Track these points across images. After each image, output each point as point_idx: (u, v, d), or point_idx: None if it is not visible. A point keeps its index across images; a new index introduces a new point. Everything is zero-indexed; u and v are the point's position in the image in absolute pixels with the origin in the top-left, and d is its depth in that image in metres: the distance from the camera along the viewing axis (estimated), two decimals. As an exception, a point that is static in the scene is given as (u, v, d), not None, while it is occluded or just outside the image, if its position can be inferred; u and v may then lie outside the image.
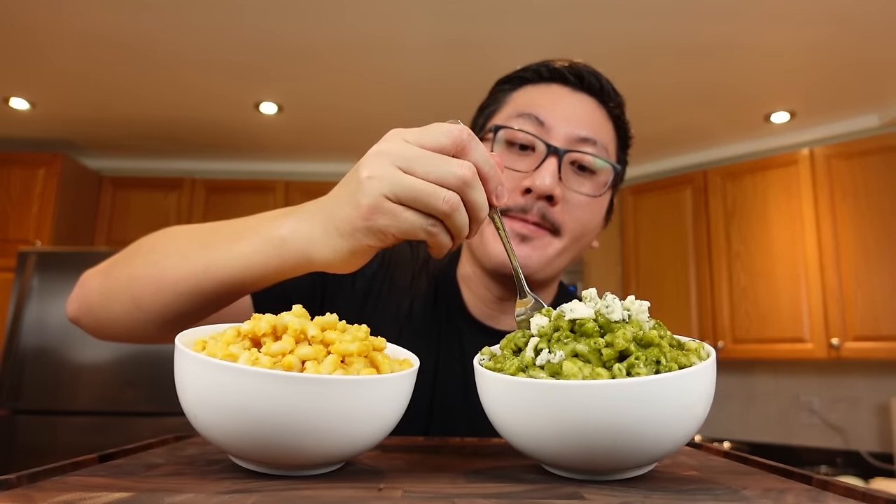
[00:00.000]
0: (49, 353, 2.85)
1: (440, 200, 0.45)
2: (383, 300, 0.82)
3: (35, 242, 3.30)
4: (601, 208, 0.80)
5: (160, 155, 3.78)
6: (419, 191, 0.45)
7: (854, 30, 2.26)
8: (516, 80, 0.83)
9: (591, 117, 0.78)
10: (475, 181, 0.46)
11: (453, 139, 0.46)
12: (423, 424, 0.77)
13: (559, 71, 0.80)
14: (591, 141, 0.76)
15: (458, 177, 0.45)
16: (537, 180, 0.72)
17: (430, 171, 0.45)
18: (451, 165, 0.45)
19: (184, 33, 2.39)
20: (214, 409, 0.39)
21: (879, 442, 2.94)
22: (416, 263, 0.87)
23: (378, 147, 0.47)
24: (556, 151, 0.74)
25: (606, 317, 0.43)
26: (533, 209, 0.73)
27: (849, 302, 2.76)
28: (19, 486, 0.36)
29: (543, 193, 0.72)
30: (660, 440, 0.39)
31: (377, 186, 0.45)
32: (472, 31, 2.33)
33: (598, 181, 0.78)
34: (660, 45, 2.40)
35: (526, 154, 0.76)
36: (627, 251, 3.60)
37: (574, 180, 0.76)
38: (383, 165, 0.46)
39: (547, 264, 0.76)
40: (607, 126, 0.80)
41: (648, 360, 0.40)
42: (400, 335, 0.80)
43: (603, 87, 0.80)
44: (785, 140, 3.21)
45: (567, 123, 0.76)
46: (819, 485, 0.42)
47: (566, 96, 0.79)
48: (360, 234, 0.47)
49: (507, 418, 0.42)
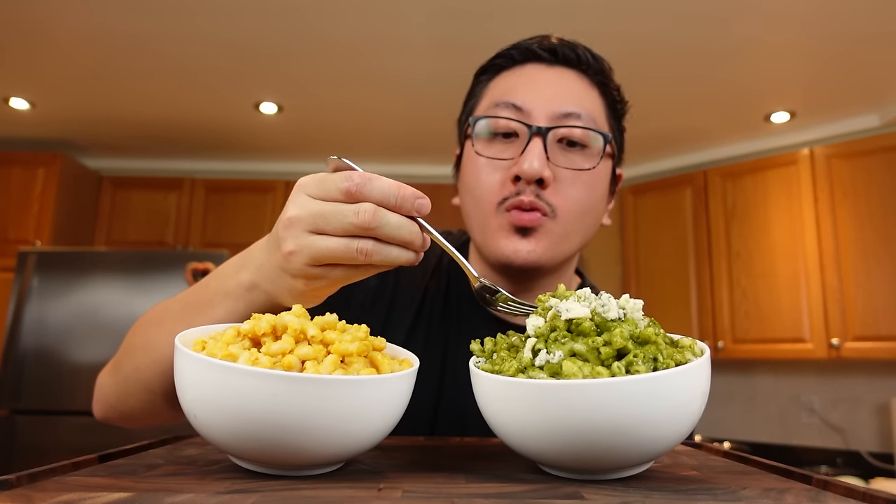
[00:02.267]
0: (49, 353, 2.85)
1: (354, 252, 0.47)
2: (399, 288, 0.82)
3: (35, 242, 3.30)
4: (599, 181, 0.76)
5: (160, 155, 3.78)
6: (333, 251, 0.47)
7: (854, 30, 2.26)
8: (492, 69, 0.81)
9: (571, 90, 0.75)
10: (377, 220, 0.46)
11: (344, 190, 0.47)
12: (431, 417, 0.77)
13: (530, 50, 0.77)
14: (574, 114, 0.73)
15: (357, 226, 0.47)
16: (524, 165, 0.70)
17: (336, 227, 0.47)
18: (349, 217, 0.47)
19: (184, 33, 2.40)
20: (214, 409, 0.39)
21: (880, 442, 2.94)
22: (431, 257, 0.86)
23: (289, 213, 0.49)
24: (539, 131, 0.71)
25: (602, 316, 0.43)
26: (526, 193, 0.71)
27: (849, 302, 2.76)
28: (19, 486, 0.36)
29: (532, 177, 0.70)
30: (659, 437, 0.40)
31: (298, 260, 0.49)
32: (472, 30, 2.33)
33: (590, 153, 0.74)
34: (660, 45, 2.40)
35: (511, 141, 0.74)
36: (627, 251, 3.60)
37: (564, 158, 0.73)
38: (297, 236, 0.48)
39: (554, 250, 0.73)
40: (591, 95, 0.77)
41: (646, 357, 0.41)
42: (414, 330, 0.80)
43: (580, 56, 0.77)
44: (785, 140, 3.21)
45: (546, 102, 0.73)
46: (819, 485, 0.42)
47: (542, 74, 0.76)
48: (307, 298, 0.53)
49: (508, 420, 0.42)
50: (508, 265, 0.74)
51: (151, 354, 0.63)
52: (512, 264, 0.73)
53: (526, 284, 0.78)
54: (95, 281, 2.90)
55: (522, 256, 0.72)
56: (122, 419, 0.72)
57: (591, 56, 0.78)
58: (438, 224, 0.78)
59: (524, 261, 0.72)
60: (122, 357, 0.69)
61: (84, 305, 2.88)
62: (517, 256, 0.72)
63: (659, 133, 3.27)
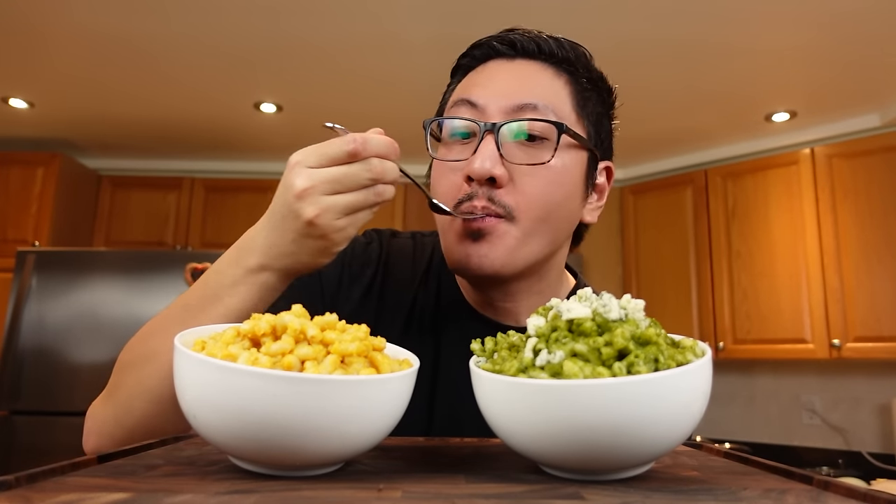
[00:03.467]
0: (48, 353, 2.85)
1: (374, 196, 0.56)
2: (386, 296, 0.80)
3: (34, 242, 3.30)
4: (563, 175, 0.69)
5: (159, 155, 3.78)
6: (357, 203, 0.56)
7: (855, 29, 2.26)
8: (459, 71, 0.78)
9: (528, 82, 0.70)
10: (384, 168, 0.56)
11: (350, 152, 0.54)
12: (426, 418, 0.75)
13: (489, 45, 0.75)
14: (530, 106, 0.68)
15: (372, 179, 0.55)
16: (475, 164, 0.66)
17: (353, 184, 0.55)
18: (363, 174, 0.55)
19: (183, 33, 2.39)
20: (214, 409, 0.39)
21: (881, 442, 2.94)
22: (421, 261, 0.84)
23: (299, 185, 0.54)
24: (491, 128, 0.67)
25: (604, 316, 0.43)
26: (478, 195, 0.67)
27: (850, 302, 2.76)
28: (18, 486, 0.36)
29: (482, 177, 0.66)
30: (660, 438, 0.39)
31: (325, 219, 0.55)
32: (472, 29, 2.32)
33: (550, 146, 0.68)
34: (660, 45, 2.40)
35: (469, 141, 0.70)
36: (627, 251, 3.60)
37: (521, 153, 0.68)
38: (318, 201, 0.54)
39: (509, 256, 0.68)
40: (555, 85, 0.71)
41: (647, 358, 0.40)
42: (407, 332, 0.78)
43: (540, 46, 0.72)
44: (786, 140, 3.21)
45: (501, 97, 0.69)
46: (820, 485, 0.41)
47: (501, 69, 0.73)
48: (327, 255, 0.59)
49: (509, 420, 0.42)
50: (463, 272, 0.70)
51: (157, 363, 0.61)
52: (466, 271, 0.69)
53: (499, 291, 0.75)
54: (94, 281, 2.90)
55: (475, 262, 0.68)
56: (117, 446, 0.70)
57: (555, 45, 0.73)
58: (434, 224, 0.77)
59: (477, 266, 0.68)
60: (118, 378, 0.66)
61: (83, 306, 2.88)
62: (469, 262, 0.68)
63: (659, 133, 3.27)
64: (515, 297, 0.76)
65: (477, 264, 0.68)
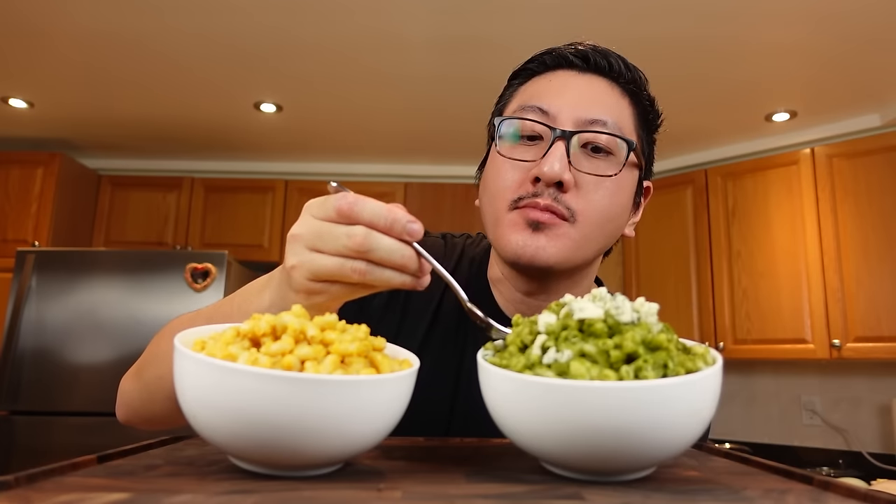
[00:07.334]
0: (47, 353, 2.85)
1: (349, 271, 0.49)
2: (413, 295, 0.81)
3: (33, 242, 3.30)
4: (622, 190, 0.75)
5: (159, 154, 3.78)
6: (328, 269, 0.50)
7: (855, 29, 2.26)
8: (524, 74, 0.81)
9: (600, 98, 0.75)
10: (368, 242, 0.48)
11: (337, 209, 0.49)
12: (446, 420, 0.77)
13: (563, 55, 0.78)
14: (600, 122, 0.72)
15: (350, 248, 0.49)
16: (545, 167, 0.69)
17: (330, 246, 0.49)
18: (341, 239, 0.49)
19: (183, 33, 2.39)
20: (213, 409, 0.39)
21: (881, 443, 2.94)
22: (450, 261, 0.86)
23: (293, 230, 0.52)
24: (563, 135, 0.71)
25: (616, 318, 0.42)
26: (544, 196, 0.70)
27: (850, 302, 2.76)
28: (17, 487, 0.36)
29: (552, 180, 0.69)
30: (664, 444, 0.39)
31: (299, 275, 0.51)
32: (473, 28, 2.33)
33: (615, 161, 0.73)
34: (660, 44, 2.40)
35: (535, 144, 0.74)
36: (628, 251, 3.60)
37: (587, 163, 0.72)
38: (298, 252, 0.51)
39: (566, 254, 0.72)
40: (622, 104, 0.77)
41: (656, 363, 0.40)
42: (432, 330, 0.80)
43: (612, 64, 0.77)
44: (786, 139, 3.21)
45: (573, 108, 0.73)
46: (820, 485, 0.41)
47: (572, 81, 0.76)
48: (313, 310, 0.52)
49: (512, 415, 0.42)
50: (516, 261, 0.72)
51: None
52: (519, 260, 0.71)
53: (540, 285, 0.78)
54: (94, 281, 2.90)
55: (530, 252, 0.70)
56: (145, 423, 0.74)
57: (623, 65, 0.78)
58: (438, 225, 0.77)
59: (531, 256, 0.71)
60: (144, 364, 0.71)
61: (83, 305, 2.88)
62: (524, 251, 0.71)
63: (659, 133, 3.26)
64: (550, 296, 0.78)
65: (532, 254, 0.71)
